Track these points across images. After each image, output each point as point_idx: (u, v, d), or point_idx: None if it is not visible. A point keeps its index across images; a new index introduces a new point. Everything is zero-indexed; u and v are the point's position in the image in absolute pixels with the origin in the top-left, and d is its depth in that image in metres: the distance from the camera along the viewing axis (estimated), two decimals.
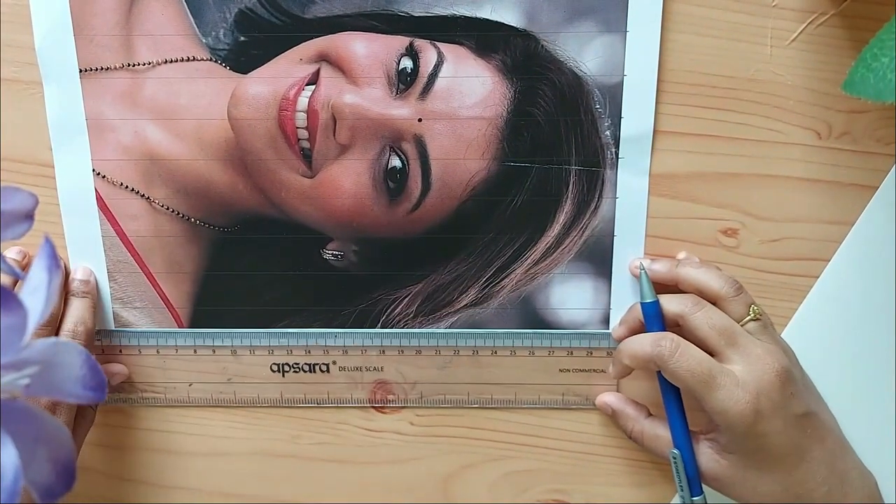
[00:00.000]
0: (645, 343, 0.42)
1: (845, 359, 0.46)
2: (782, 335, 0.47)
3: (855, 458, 0.44)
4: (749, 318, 0.42)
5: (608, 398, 0.47)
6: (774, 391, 0.40)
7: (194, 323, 0.48)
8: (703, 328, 0.41)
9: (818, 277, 0.46)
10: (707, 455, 0.43)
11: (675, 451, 0.43)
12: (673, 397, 0.43)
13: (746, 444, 0.41)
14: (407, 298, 0.47)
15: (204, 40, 0.43)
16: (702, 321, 0.41)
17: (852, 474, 0.42)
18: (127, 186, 0.45)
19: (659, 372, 0.43)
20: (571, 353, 0.47)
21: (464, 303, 0.47)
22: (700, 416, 0.43)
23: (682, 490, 0.43)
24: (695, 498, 0.43)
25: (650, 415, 0.46)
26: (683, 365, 0.41)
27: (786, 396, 0.40)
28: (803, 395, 0.42)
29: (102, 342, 0.48)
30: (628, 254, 0.46)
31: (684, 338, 0.42)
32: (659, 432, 0.44)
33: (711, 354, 0.41)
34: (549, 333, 0.47)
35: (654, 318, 0.43)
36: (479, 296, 0.46)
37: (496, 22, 0.42)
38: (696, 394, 0.41)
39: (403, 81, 0.43)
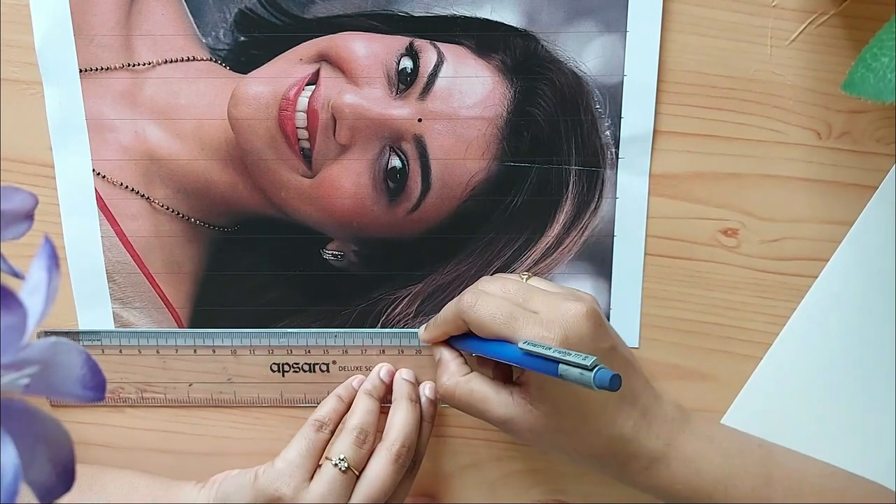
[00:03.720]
0: (452, 303, 0.42)
1: (845, 358, 0.47)
2: (781, 335, 0.47)
3: (655, 392, 0.43)
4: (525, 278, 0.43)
5: (444, 349, 0.44)
6: (581, 325, 0.39)
7: (194, 323, 0.48)
8: (488, 305, 0.40)
9: (818, 277, 0.46)
10: (520, 407, 0.40)
11: (524, 345, 0.38)
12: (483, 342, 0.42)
13: (558, 386, 0.39)
14: (407, 298, 0.47)
15: (204, 40, 0.43)
16: (482, 305, 0.40)
17: (653, 408, 0.42)
18: (127, 186, 0.45)
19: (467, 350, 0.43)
20: None
21: None
22: (510, 372, 0.43)
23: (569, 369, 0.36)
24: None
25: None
26: (484, 310, 0.40)
27: (592, 330, 0.39)
28: (607, 329, 0.41)
29: (102, 342, 0.48)
30: (628, 254, 0.46)
31: (480, 328, 0.41)
32: (473, 386, 0.42)
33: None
34: None
35: (464, 342, 0.43)
36: None
37: (496, 22, 0.42)
38: (503, 339, 0.39)
39: (403, 81, 0.43)
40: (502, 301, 0.40)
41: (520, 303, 0.40)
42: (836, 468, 0.45)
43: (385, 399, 0.46)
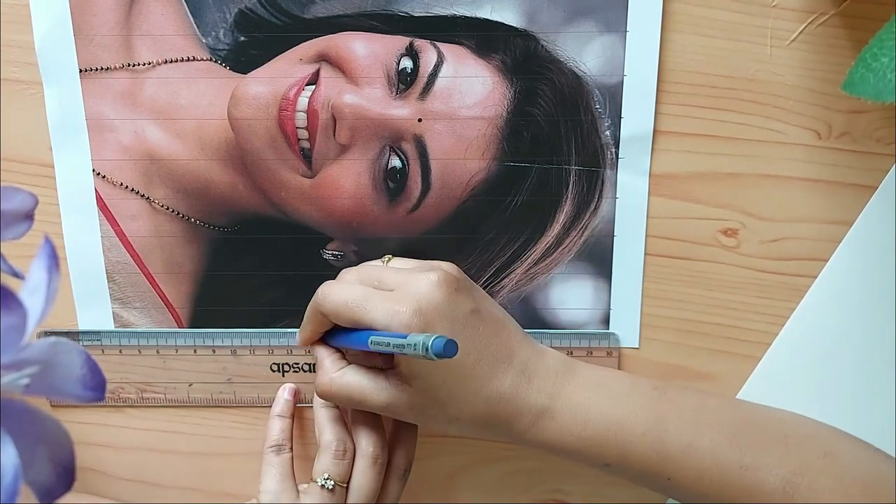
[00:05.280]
0: (312, 300, 0.42)
1: (844, 358, 0.47)
2: (781, 335, 0.47)
3: (536, 347, 0.42)
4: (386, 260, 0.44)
5: (319, 348, 0.44)
6: (433, 294, 0.39)
7: (194, 323, 0.48)
8: (340, 293, 0.40)
9: (817, 277, 0.46)
10: (395, 388, 0.40)
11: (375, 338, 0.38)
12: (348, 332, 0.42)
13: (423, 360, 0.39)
14: None
15: (204, 40, 0.43)
16: (332, 291, 0.40)
17: (533, 363, 0.41)
18: (127, 186, 0.45)
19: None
20: (571, 353, 0.47)
21: None
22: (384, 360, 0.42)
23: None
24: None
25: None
26: (338, 297, 0.40)
27: (447, 296, 0.39)
28: (467, 292, 0.41)
29: (102, 342, 0.48)
30: (628, 254, 0.46)
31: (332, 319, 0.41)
32: (348, 380, 0.41)
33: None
34: (549, 333, 0.47)
35: (337, 337, 0.43)
36: None
37: (496, 22, 0.42)
38: (359, 323, 0.39)
39: (403, 81, 0.43)
40: (356, 286, 0.40)
41: (375, 284, 0.41)
42: (741, 401, 0.44)
43: None
